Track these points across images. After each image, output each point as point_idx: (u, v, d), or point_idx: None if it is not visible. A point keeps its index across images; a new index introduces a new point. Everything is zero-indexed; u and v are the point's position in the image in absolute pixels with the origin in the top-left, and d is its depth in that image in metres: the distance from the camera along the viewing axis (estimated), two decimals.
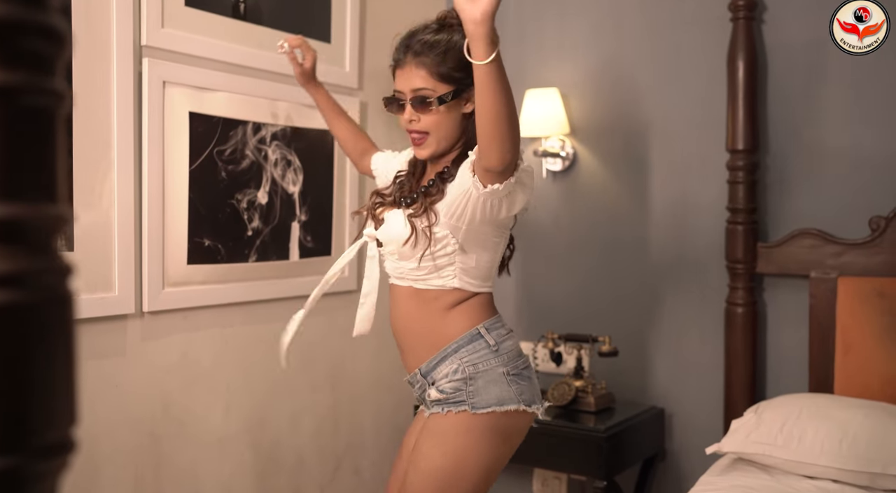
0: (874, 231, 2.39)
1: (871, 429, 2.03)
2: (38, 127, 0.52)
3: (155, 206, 2.09)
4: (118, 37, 1.99)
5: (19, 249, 0.50)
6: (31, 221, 0.51)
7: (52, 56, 0.52)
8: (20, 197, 0.50)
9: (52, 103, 0.52)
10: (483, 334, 1.72)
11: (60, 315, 0.53)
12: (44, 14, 0.52)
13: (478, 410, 1.66)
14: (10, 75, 0.49)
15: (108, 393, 2.03)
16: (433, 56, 1.69)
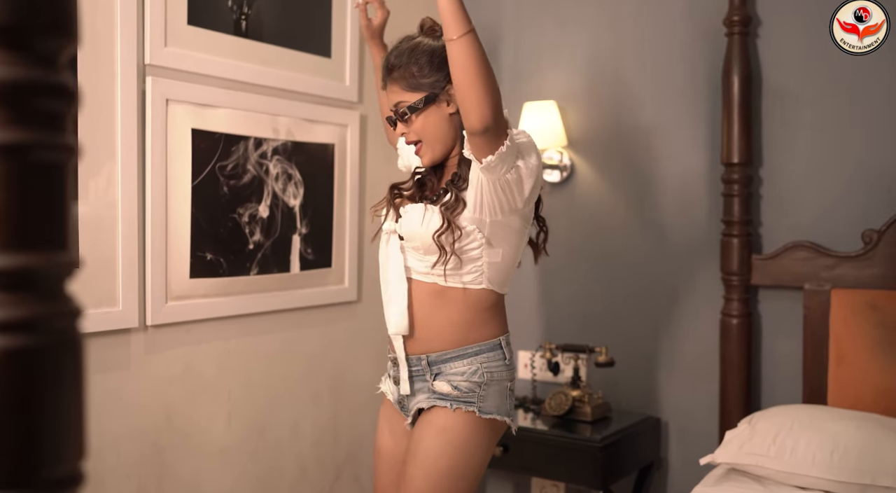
0: (867, 244, 2.42)
1: (862, 441, 2.06)
2: (49, 180, 0.55)
3: (158, 221, 2.13)
4: (122, 56, 2.03)
5: (31, 295, 0.54)
6: (42, 270, 0.55)
7: (63, 113, 0.56)
8: (32, 247, 0.54)
9: (63, 158, 0.56)
10: (503, 346, 1.81)
11: (70, 357, 0.57)
12: (55, 74, 0.55)
13: (483, 414, 1.74)
14: (24, 133, 0.53)
15: (113, 406, 2.07)
16: (402, 69, 1.78)
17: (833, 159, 2.53)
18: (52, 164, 0.56)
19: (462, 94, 1.58)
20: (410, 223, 1.75)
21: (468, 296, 1.77)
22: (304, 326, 2.62)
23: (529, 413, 2.75)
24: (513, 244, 1.77)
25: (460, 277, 1.76)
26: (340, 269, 2.73)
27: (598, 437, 2.49)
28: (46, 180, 0.56)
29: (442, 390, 1.76)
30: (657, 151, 2.81)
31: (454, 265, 1.73)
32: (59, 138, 0.56)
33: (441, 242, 1.70)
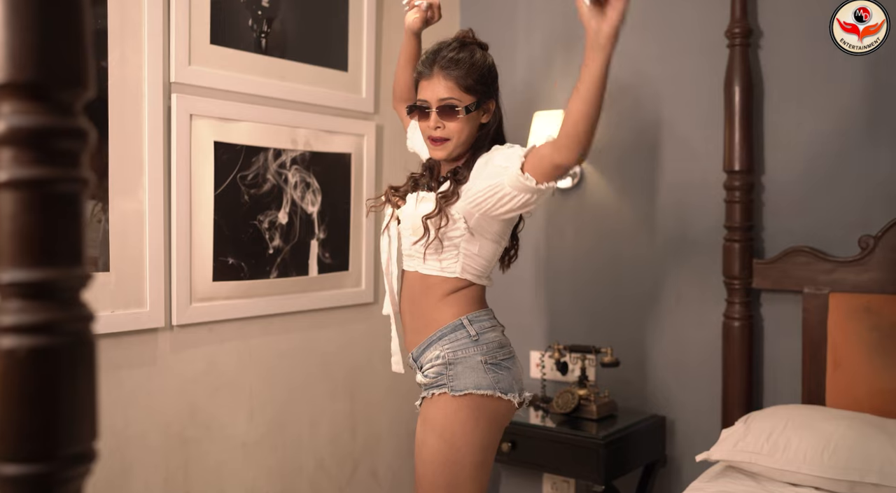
0: (863, 250, 2.49)
1: (852, 440, 2.14)
2: (66, 208, 0.68)
3: (183, 228, 2.28)
4: (149, 74, 2.18)
5: (51, 303, 0.67)
6: (60, 282, 0.68)
7: (79, 151, 0.69)
8: (52, 263, 0.67)
9: (78, 189, 0.69)
10: (465, 324, 1.89)
11: (84, 354, 0.70)
12: (71, 120, 0.68)
13: (456, 392, 1.84)
14: (46, 170, 0.66)
15: (141, 400, 2.22)
16: (458, 70, 1.88)
17: (832, 167, 2.60)
18: (69, 194, 0.69)
19: (572, 130, 1.66)
20: (407, 207, 1.94)
21: (444, 285, 1.90)
22: (322, 326, 2.76)
23: (539, 411, 2.85)
24: (491, 241, 1.91)
25: (439, 262, 1.89)
26: (357, 272, 2.86)
27: (601, 434, 2.59)
28: (64, 208, 0.68)
29: (421, 381, 1.93)
30: (663, 159, 2.90)
31: (435, 249, 1.87)
32: (75, 173, 0.69)
33: (427, 224, 1.85)
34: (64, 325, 0.69)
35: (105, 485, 2.14)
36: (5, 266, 0.67)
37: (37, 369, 0.67)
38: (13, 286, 0.66)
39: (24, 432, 0.67)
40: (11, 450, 0.67)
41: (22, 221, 0.67)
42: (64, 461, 0.69)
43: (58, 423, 0.69)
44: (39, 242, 0.68)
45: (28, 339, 0.66)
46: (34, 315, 0.67)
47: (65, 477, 0.70)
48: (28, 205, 0.67)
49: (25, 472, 0.67)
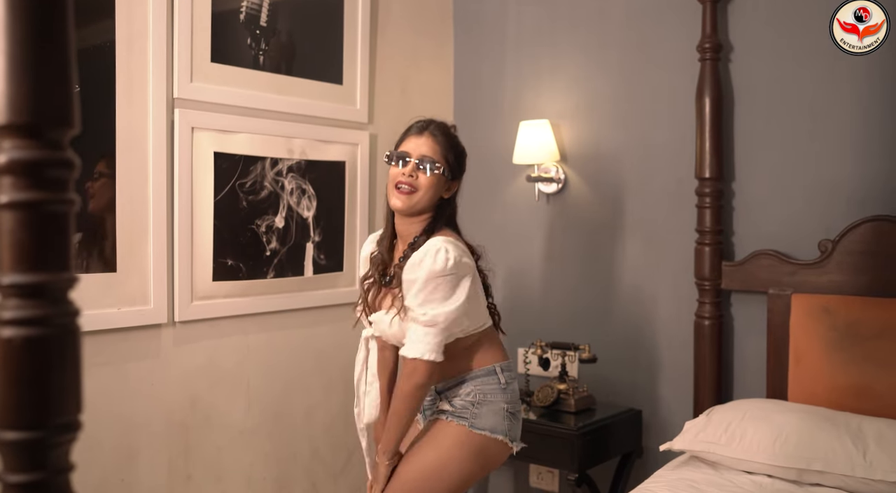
0: (822, 253, 2.64)
1: (801, 430, 2.29)
2: (57, 224, 0.85)
3: (185, 231, 2.47)
4: (154, 91, 2.38)
5: (43, 301, 0.84)
6: (51, 284, 0.85)
7: (66, 178, 0.86)
8: (44, 269, 0.84)
9: (67, 209, 0.85)
10: (498, 372, 2.11)
11: (71, 343, 0.87)
12: (60, 153, 0.86)
13: (475, 429, 2.04)
14: (38, 194, 0.83)
15: (145, 390, 2.42)
16: (446, 141, 2.10)
17: (796, 174, 2.75)
18: (59, 213, 0.85)
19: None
20: (381, 327, 2.11)
21: (459, 343, 2.07)
22: (317, 323, 2.95)
23: (522, 404, 3.02)
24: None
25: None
26: (352, 272, 3.04)
27: (578, 425, 2.75)
28: (54, 225, 0.85)
29: (443, 407, 2.11)
30: (640, 166, 3.06)
31: None
32: (63, 196, 0.85)
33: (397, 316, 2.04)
34: (53, 319, 0.86)
35: (113, 468, 2.34)
36: (5, 272, 0.84)
37: (31, 354, 0.84)
38: (11, 288, 0.83)
39: (21, 405, 0.84)
40: (10, 420, 0.83)
41: (19, 235, 0.84)
42: (54, 429, 0.85)
43: (48, 398, 0.86)
44: (33, 252, 0.84)
45: (23, 330, 0.82)
46: (29, 311, 0.83)
47: (55, 442, 0.86)
48: (24, 222, 0.84)
49: (22, 438, 0.83)
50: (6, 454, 0.85)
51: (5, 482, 0.84)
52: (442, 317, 1.94)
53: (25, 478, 0.84)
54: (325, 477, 3.00)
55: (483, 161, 3.47)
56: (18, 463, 0.85)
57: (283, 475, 2.84)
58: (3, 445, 0.84)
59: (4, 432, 0.83)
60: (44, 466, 0.86)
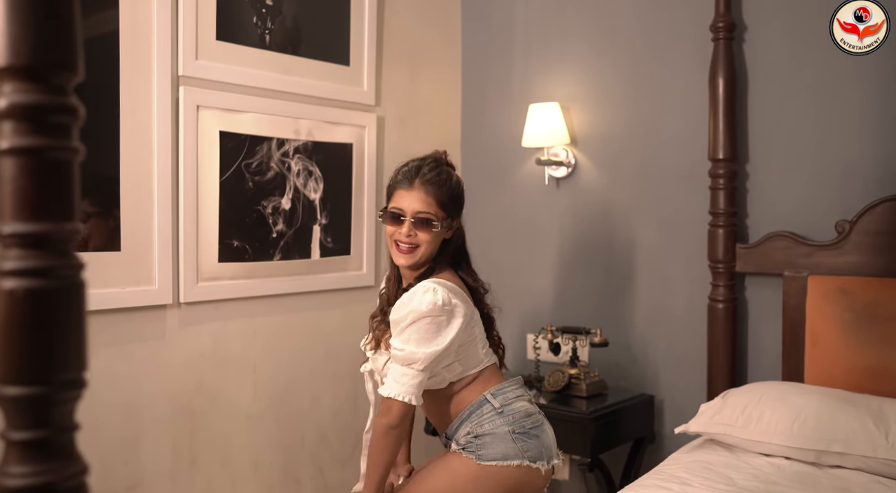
0: (840, 234, 2.59)
1: (820, 412, 2.25)
2: (60, 172, 0.82)
3: (190, 212, 2.43)
4: (158, 69, 2.34)
5: (46, 252, 0.80)
6: (55, 234, 0.81)
7: (70, 124, 0.82)
8: (46, 218, 0.80)
9: (70, 157, 0.82)
10: (489, 399, 2.02)
11: (75, 297, 0.83)
12: (63, 98, 0.82)
13: (483, 461, 1.96)
14: (40, 140, 0.80)
15: (150, 372, 2.38)
16: (438, 188, 2.01)
17: (811, 154, 2.70)
18: (62, 161, 0.81)
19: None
20: (376, 366, 2.08)
21: (448, 389, 2.04)
22: (324, 307, 2.90)
23: (532, 390, 2.98)
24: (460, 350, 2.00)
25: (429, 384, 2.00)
26: (359, 256, 3.00)
27: (590, 410, 2.71)
28: (57, 172, 0.81)
29: (453, 447, 2.04)
30: (652, 148, 3.01)
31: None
32: (67, 143, 0.82)
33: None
34: (57, 271, 0.82)
35: (118, 450, 2.31)
36: (7, 220, 0.80)
37: (34, 307, 0.80)
38: (13, 237, 0.79)
39: (23, 359, 0.80)
40: (12, 374, 0.80)
41: (21, 182, 0.80)
42: (58, 385, 0.82)
43: (52, 353, 0.82)
44: (36, 201, 0.81)
45: (26, 281, 0.79)
46: (31, 262, 0.79)
47: (59, 399, 0.82)
48: (26, 169, 0.80)
49: (25, 393, 0.79)
50: (8, 411, 0.81)
51: (8, 440, 0.81)
52: (420, 357, 1.88)
53: (29, 435, 0.81)
54: (333, 463, 2.96)
55: (491, 145, 3.43)
56: (21, 420, 0.81)
57: (289, 461, 2.81)
58: (5, 401, 0.81)
59: (6, 387, 0.80)
60: (48, 423, 0.83)
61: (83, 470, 0.86)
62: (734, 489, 2.05)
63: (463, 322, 1.93)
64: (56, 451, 0.85)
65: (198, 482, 2.52)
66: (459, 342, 1.98)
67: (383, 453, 1.94)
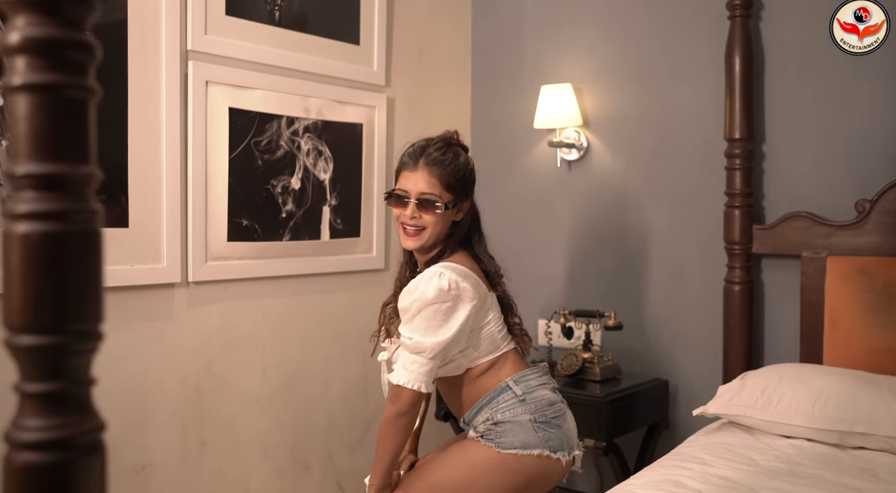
0: (860, 213, 2.55)
1: (842, 393, 2.20)
2: (75, 112, 0.77)
3: (199, 189, 2.39)
4: (167, 43, 2.29)
5: (61, 195, 0.75)
6: (71, 176, 0.76)
7: (86, 62, 0.78)
8: (62, 159, 0.76)
9: (86, 96, 0.77)
10: (511, 386, 1.96)
11: (91, 243, 0.78)
12: (79, 33, 0.78)
13: (503, 449, 1.90)
14: (56, 76, 0.75)
15: (158, 351, 2.34)
16: (443, 168, 1.95)
17: (830, 134, 2.65)
18: (78, 99, 0.77)
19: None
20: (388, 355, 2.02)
21: (466, 374, 1.99)
22: (334, 290, 2.86)
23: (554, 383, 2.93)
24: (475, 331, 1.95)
25: (448, 370, 1.97)
26: (368, 239, 2.96)
27: (604, 394, 2.67)
28: (72, 111, 0.77)
29: (470, 434, 2.00)
30: (666, 129, 2.96)
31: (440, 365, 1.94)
32: (82, 81, 0.77)
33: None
34: (72, 215, 0.77)
35: (126, 431, 2.27)
36: (21, 161, 0.76)
37: (48, 251, 0.75)
38: (28, 178, 0.75)
39: (38, 307, 0.75)
40: (27, 323, 0.75)
41: (35, 120, 0.75)
42: (74, 335, 0.77)
43: (68, 300, 0.77)
44: (51, 140, 0.76)
45: (40, 225, 0.74)
46: (45, 204, 0.75)
47: (75, 350, 0.78)
48: (41, 107, 0.75)
49: (40, 342, 0.75)
50: (23, 362, 0.77)
51: (23, 392, 0.76)
52: (428, 346, 1.84)
53: (44, 387, 0.77)
54: (342, 448, 2.92)
55: (502, 127, 3.38)
56: (36, 371, 0.77)
57: (298, 445, 2.76)
58: (19, 351, 0.76)
59: (20, 336, 0.76)
60: (63, 375, 0.79)
61: (100, 426, 0.82)
62: (756, 469, 2.00)
63: (473, 307, 1.89)
64: (72, 404, 0.81)
65: (207, 464, 2.48)
66: (472, 327, 1.93)
67: (391, 439, 1.89)
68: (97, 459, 0.84)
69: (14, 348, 0.75)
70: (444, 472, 1.96)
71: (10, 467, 0.76)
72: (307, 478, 2.80)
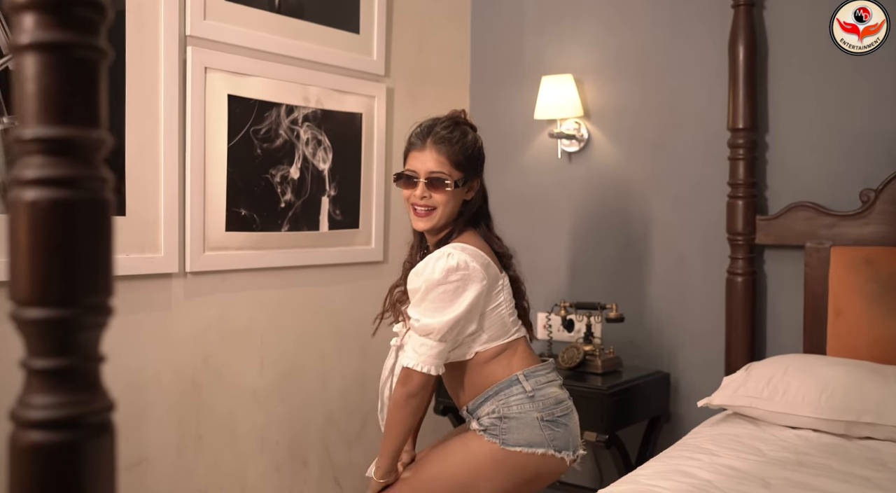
0: (864, 203, 2.53)
1: (848, 383, 2.18)
2: (86, 72, 0.73)
3: (196, 178, 2.34)
4: (165, 28, 2.25)
5: (70, 160, 0.71)
6: (79, 140, 0.72)
7: (97, 21, 0.74)
8: (72, 122, 0.72)
9: (97, 56, 0.73)
10: (521, 380, 1.92)
11: (100, 212, 0.74)
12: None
13: (507, 446, 1.86)
14: (66, 34, 0.71)
15: (155, 343, 2.29)
16: (451, 146, 1.92)
17: (834, 124, 2.63)
18: (88, 60, 0.73)
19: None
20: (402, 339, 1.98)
21: (474, 359, 1.94)
22: (332, 282, 2.82)
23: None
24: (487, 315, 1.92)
25: (458, 353, 1.94)
26: (367, 230, 2.92)
27: (606, 386, 2.63)
28: (83, 72, 0.73)
29: (474, 427, 1.95)
30: (668, 119, 2.94)
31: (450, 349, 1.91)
32: (94, 41, 0.73)
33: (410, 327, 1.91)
34: (82, 181, 0.73)
35: (121, 425, 2.21)
36: (29, 123, 0.71)
37: (57, 220, 0.71)
38: (36, 142, 0.71)
39: (46, 278, 0.71)
40: (34, 295, 0.71)
41: (44, 80, 0.71)
42: (83, 309, 0.73)
43: (76, 272, 0.73)
44: (59, 103, 0.72)
45: (49, 191, 0.70)
46: (54, 170, 0.71)
47: (85, 324, 0.74)
48: (50, 67, 0.71)
49: (48, 316, 0.71)
50: (29, 336, 0.73)
51: (29, 368, 0.72)
52: (436, 327, 1.81)
53: (52, 363, 0.73)
54: (339, 443, 2.88)
55: (502, 118, 3.35)
56: (43, 346, 0.73)
57: (296, 440, 2.72)
58: (26, 324, 0.72)
59: (27, 308, 0.71)
60: (72, 350, 0.75)
61: (110, 406, 0.79)
62: (765, 459, 1.98)
63: (483, 287, 1.86)
64: (81, 382, 0.78)
65: (203, 459, 2.43)
66: (483, 309, 1.90)
67: (400, 422, 1.87)
68: (106, 439, 0.80)
69: (20, 321, 0.71)
70: (445, 466, 1.93)
71: (15, 446, 0.72)
72: (305, 473, 2.75)
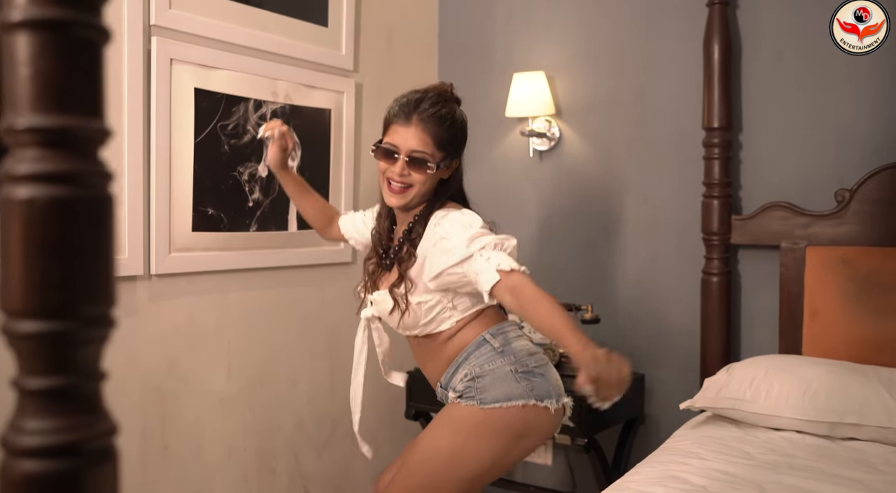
0: (839, 203, 2.53)
1: (831, 383, 2.17)
2: (85, 55, 0.64)
3: (162, 175, 2.23)
4: (129, 16, 2.13)
5: (69, 153, 0.63)
6: (81, 131, 0.64)
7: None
8: (70, 110, 0.63)
9: (97, 37, 0.65)
10: (488, 339, 1.86)
11: (103, 210, 0.66)
12: None
13: (485, 404, 1.79)
14: (63, 11, 0.63)
15: (119, 349, 2.17)
16: (438, 126, 1.84)
17: (809, 124, 2.63)
18: (88, 41, 0.65)
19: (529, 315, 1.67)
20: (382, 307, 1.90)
21: (449, 331, 1.89)
22: (301, 284, 2.72)
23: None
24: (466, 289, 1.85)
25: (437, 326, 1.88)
26: None
27: None
28: (83, 55, 0.64)
29: (451, 398, 1.89)
30: (641, 119, 2.91)
31: (427, 322, 1.87)
32: (93, 19, 0.65)
33: (395, 295, 1.85)
34: (83, 177, 0.65)
35: None
36: (23, 111, 0.63)
37: (56, 220, 0.63)
38: (31, 133, 0.62)
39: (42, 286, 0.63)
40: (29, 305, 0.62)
41: (41, 64, 0.63)
42: (83, 321, 0.65)
43: (76, 278, 0.65)
44: (57, 88, 0.64)
45: (46, 189, 0.62)
46: (52, 164, 0.62)
47: (85, 338, 0.66)
48: (47, 48, 0.63)
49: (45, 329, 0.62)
50: (22, 352, 0.64)
51: (22, 389, 0.64)
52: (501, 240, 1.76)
53: (48, 383, 0.65)
54: (309, 450, 2.78)
55: (472, 115, 3.23)
56: (39, 364, 0.65)
57: (264, 447, 2.62)
58: (19, 339, 0.64)
59: (20, 321, 0.63)
60: (71, 368, 0.67)
61: (112, 429, 0.71)
62: (754, 463, 1.95)
63: None
64: (81, 403, 0.70)
65: (169, 469, 2.32)
66: None
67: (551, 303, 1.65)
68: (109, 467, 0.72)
69: (13, 336, 0.62)
70: (432, 442, 1.86)
71: (7, 477, 0.64)
72: (273, 482, 2.65)
